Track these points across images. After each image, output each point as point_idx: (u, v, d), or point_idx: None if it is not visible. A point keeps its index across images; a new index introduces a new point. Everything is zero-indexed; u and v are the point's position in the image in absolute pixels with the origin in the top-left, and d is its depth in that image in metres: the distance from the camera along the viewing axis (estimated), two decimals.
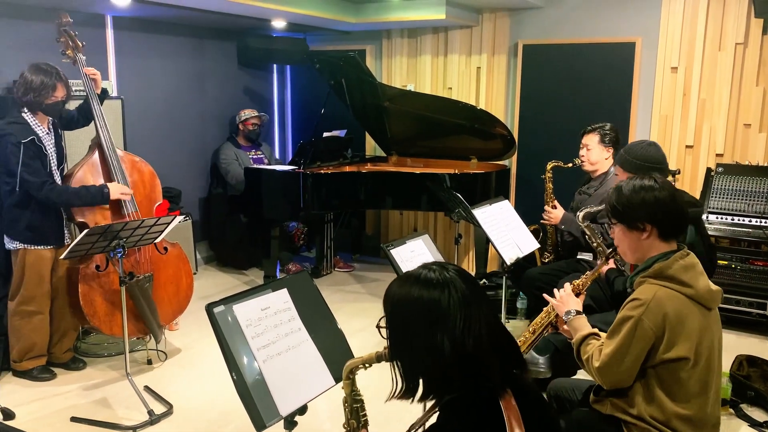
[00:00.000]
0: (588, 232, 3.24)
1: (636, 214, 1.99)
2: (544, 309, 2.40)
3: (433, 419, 1.39)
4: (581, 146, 3.80)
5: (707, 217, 4.22)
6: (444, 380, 1.34)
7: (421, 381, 1.37)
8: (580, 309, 2.22)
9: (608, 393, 2.02)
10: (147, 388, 3.38)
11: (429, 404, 1.43)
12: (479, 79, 5.42)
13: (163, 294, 3.70)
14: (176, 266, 3.80)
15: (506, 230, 3.26)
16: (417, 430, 1.47)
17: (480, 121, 4.87)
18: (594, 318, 2.68)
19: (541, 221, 4.00)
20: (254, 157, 5.59)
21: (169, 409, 3.19)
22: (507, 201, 3.49)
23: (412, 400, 1.39)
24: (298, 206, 4.75)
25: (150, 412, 3.09)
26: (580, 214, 3.27)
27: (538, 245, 3.55)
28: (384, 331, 1.44)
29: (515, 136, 5.06)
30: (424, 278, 1.37)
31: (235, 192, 5.41)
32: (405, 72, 5.74)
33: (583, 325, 2.14)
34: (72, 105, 3.62)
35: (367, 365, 1.57)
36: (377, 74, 5.68)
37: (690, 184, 4.72)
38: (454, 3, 4.87)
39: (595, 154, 3.74)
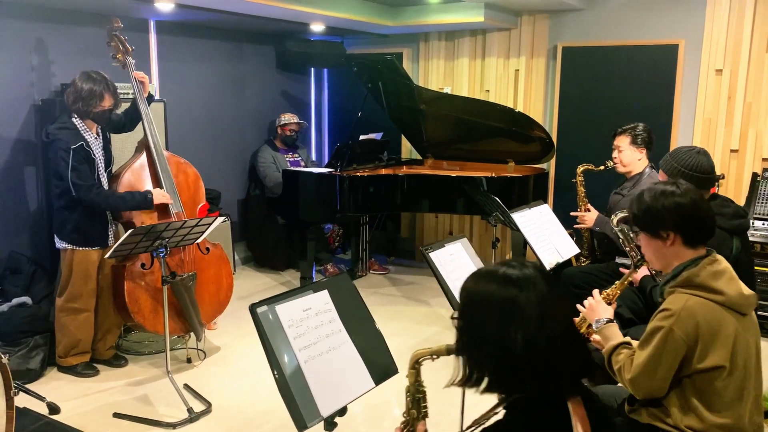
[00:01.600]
0: (621, 236, 3.19)
1: (658, 221, 1.95)
2: (575, 320, 2.36)
3: (496, 417, 1.39)
4: (613, 148, 3.77)
5: (752, 223, 4.11)
6: (513, 377, 1.33)
7: (489, 374, 1.36)
8: (612, 317, 2.18)
9: (643, 402, 1.98)
10: (186, 386, 3.43)
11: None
12: (517, 82, 5.38)
13: (204, 293, 3.76)
14: (217, 266, 3.87)
15: (546, 234, 3.23)
16: (479, 426, 1.46)
17: (518, 124, 4.84)
18: (633, 331, 2.63)
19: (575, 226, 3.95)
20: (291, 159, 5.64)
21: (208, 408, 3.24)
22: (546, 205, 3.46)
23: (476, 390, 1.38)
24: (335, 208, 4.77)
25: (189, 410, 3.14)
26: (615, 218, 3.22)
27: (578, 250, 3.50)
28: (456, 326, 1.44)
29: (554, 139, 5.01)
30: (503, 274, 1.36)
31: (272, 194, 5.47)
32: (442, 75, 5.73)
33: (614, 334, 2.10)
34: (121, 108, 3.71)
35: (434, 356, 1.58)
36: (414, 77, 5.68)
37: (735, 189, 4.61)
38: (492, 6, 4.85)
39: (627, 155, 3.69)
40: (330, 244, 5.81)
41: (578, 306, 2.29)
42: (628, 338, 2.07)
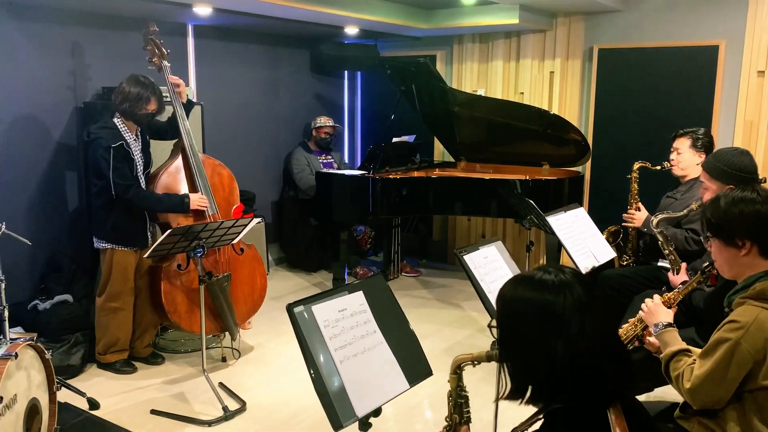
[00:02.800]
0: (661, 239, 3.13)
1: (733, 229, 1.86)
2: (630, 320, 2.31)
3: (537, 425, 1.38)
4: (672, 150, 3.67)
5: None
6: (554, 385, 1.31)
7: (530, 385, 1.35)
8: (671, 321, 2.10)
9: (697, 412, 1.91)
10: (221, 385, 3.48)
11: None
12: (552, 84, 5.33)
13: (239, 293, 3.81)
14: (251, 267, 3.91)
15: (581, 238, 3.19)
16: None
17: (553, 127, 4.79)
18: None
19: (623, 223, 3.88)
20: (324, 161, 5.68)
21: (243, 406, 3.28)
22: (582, 208, 3.41)
23: (521, 402, 1.37)
24: (367, 210, 4.79)
25: (224, 408, 3.18)
26: (655, 219, 3.17)
27: (615, 254, 3.45)
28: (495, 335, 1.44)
29: (589, 141, 4.95)
30: (539, 280, 1.34)
31: (305, 196, 5.51)
32: (476, 77, 5.71)
33: (674, 339, 2.02)
34: (164, 116, 3.78)
35: (476, 363, 1.58)
36: (447, 79, 5.67)
37: None
38: (527, 7, 4.82)
39: (686, 158, 3.61)
40: (362, 246, 5.83)
41: (641, 313, 2.21)
42: (688, 346, 2.00)
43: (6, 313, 3.00)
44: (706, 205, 1.99)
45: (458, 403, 1.67)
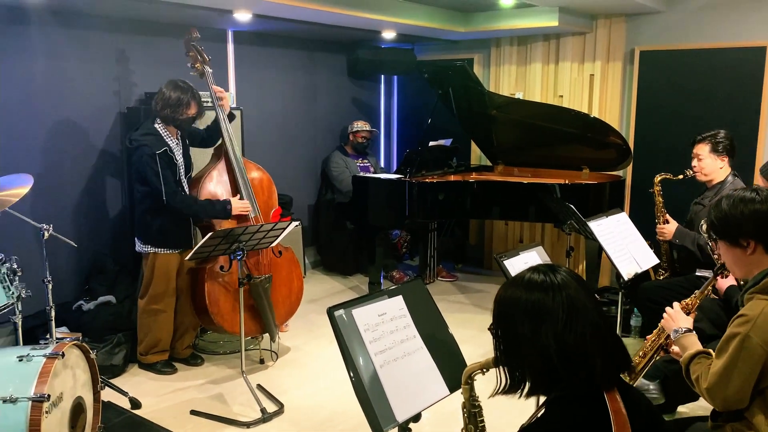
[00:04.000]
0: (711, 243, 3.07)
1: (736, 229, 1.89)
2: (654, 331, 2.29)
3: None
4: (692, 156, 3.63)
5: None
6: (550, 377, 1.38)
7: (528, 377, 1.42)
8: (691, 327, 2.13)
9: (727, 417, 1.90)
10: (259, 387, 3.51)
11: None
12: (592, 87, 5.25)
13: (277, 296, 3.84)
14: (289, 269, 3.94)
15: (623, 244, 3.13)
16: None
17: (593, 130, 4.72)
18: (714, 346, 2.51)
19: (657, 237, 3.81)
20: (361, 165, 5.70)
21: (280, 408, 3.30)
22: (624, 213, 3.35)
23: (519, 396, 1.44)
24: (404, 214, 4.78)
25: (263, 410, 3.20)
26: (705, 225, 3.10)
27: (657, 260, 3.38)
28: (492, 336, 1.50)
29: (630, 145, 4.86)
30: (528, 280, 1.43)
31: (342, 199, 5.53)
32: (514, 80, 5.66)
33: (693, 343, 2.05)
34: (204, 121, 3.84)
35: (485, 370, 1.61)
36: (485, 83, 5.63)
37: None
38: (567, 10, 4.76)
39: (708, 163, 3.55)
40: (398, 250, 5.82)
41: (663, 323, 2.22)
42: (707, 349, 2.00)
43: (53, 313, 3.09)
44: (710, 209, 2.01)
45: (472, 413, 1.71)
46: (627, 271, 3.03)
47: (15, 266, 2.78)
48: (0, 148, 3.74)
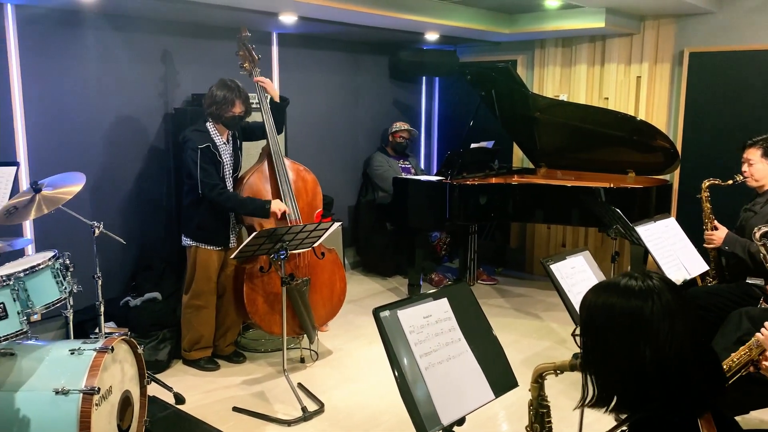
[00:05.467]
0: (764, 251, 2.97)
1: None
2: (745, 344, 2.20)
3: None
4: (743, 161, 3.52)
5: None
6: (642, 393, 1.27)
7: (616, 393, 1.32)
8: None
9: None
10: (300, 386, 3.53)
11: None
12: (639, 89, 5.15)
13: (318, 297, 3.87)
14: (332, 271, 3.96)
15: (672, 250, 3.06)
16: None
17: (639, 133, 4.62)
18: None
19: (704, 245, 3.70)
20: (402, 166, 5.70)
21: (321, 408, 3.32)
22: (672, 218, 3.28)
23: (606, 411, 1.34)
24: (444, 217, 4.76)
25: (303, 409, 3.23)
26: (758, 232, 3.00)
27: (707, 267, 3.29)
28: (580, 344, 1.41)
29: (678, 149, 4.74)
30: (625, 286, 1.31)
31: (383, 200, 5.54)
32: (558, 82, 5.59)
33: None
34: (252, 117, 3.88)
35: (558, 372, 1.55)
36: (528, 84, 5.58)
37: None
38: (614, 11, 4.67)
39: (759, 169, 3.44)
40: (437, 252, 5.80)
41: (758, 335, 2.10)
42: None
43: (102, 308, 3.17)
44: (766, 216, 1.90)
45: (540, 412, 1.66)
46: (675, 278, 2.96)
47: (67, 262, 2.86)
48: (55, 147, 3.86)
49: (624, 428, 1.33)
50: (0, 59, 3.60)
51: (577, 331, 1.42)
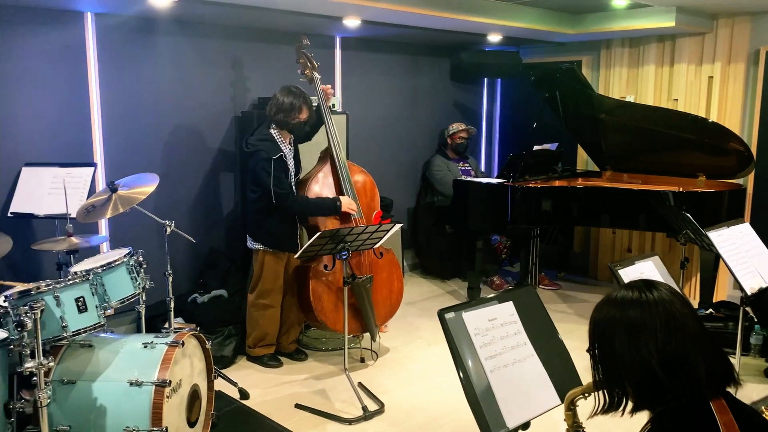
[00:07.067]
0: None
1: None
2: None
3: None
4: None
5: None
6: (653, 390, 1.36)
7: (630, 394, 1.40)
8: None
9: None
10: (360, 385, 3.57)
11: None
12: (711, 90, 4.97)
13: (378, 296, 3.90)
14: (389, 271, 3.99)
15: (747, 256, 2.94)
16: None
17: (711, 135, 4.46)
18: None
19: None
20: (462, 168, 5.68)
21: (381, 408, 3.34)
22: (747, 224, 3.15)
23: (622, 414, 1.42)
24: (505, 220, 4.72)
25: (364, 408, 3.26)
26: None
27: None
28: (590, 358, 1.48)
29: (753, 152, 4.55)
30: (621, 299, 1.43)
31: (442, 203, 5.53)
32: (625, 83, 5.45)
33: None
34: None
35: (587, 394, 1.58)
36: (594, 86, 5.45)
37: None
38: (685, 9, 4.53)
39: None
40: (497, 255, 5.75)
41: None
42: None
43: (172, 304, 3.28)
44: None
45: None
46: (750, 285, 2.85)
47: (141, 259, 2.98)
48: (129, 149, 4.03)
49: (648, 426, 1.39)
50: (80, 66, 3.79)
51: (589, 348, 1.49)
